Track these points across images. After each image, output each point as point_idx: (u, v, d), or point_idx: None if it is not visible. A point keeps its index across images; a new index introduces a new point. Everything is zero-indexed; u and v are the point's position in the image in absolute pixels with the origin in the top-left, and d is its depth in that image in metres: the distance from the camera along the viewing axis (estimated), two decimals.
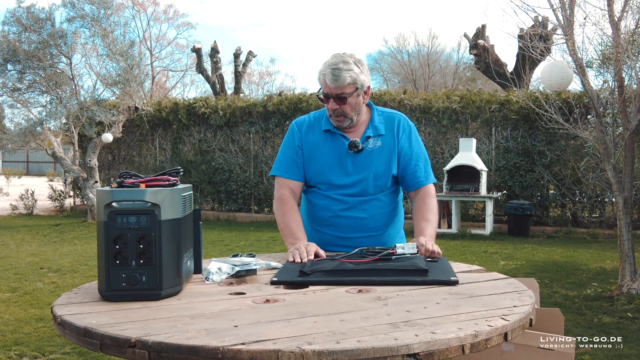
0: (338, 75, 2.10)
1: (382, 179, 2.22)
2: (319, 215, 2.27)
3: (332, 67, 2.11)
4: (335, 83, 2.11)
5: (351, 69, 2.12)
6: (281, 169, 2.29)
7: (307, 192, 2.34)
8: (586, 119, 9.18)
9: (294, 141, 2.29)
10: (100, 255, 1.51)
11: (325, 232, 2.26)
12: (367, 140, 2.22)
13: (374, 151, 2.22)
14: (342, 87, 2.11)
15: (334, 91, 2.12)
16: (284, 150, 2.31)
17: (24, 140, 11.66)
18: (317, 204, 2.27)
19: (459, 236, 9.15)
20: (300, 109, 11.40)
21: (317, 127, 2.28)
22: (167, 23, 35.07)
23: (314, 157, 2.25)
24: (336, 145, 2.23)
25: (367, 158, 2.21)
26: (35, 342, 3.96)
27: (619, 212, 5.14)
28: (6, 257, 7.34)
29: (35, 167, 35.39)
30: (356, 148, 2.19)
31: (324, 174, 2.23)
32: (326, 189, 2.24)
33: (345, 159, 2.22)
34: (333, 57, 2.15)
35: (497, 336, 1.28)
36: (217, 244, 8.55)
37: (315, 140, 2.26)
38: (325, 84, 2.14)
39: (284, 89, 24.94)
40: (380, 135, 2.24)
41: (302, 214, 2.33)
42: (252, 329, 1.24)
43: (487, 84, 22.68)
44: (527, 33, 6.40)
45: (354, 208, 2.22)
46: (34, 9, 11.19)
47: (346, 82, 2.11)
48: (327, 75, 2.11)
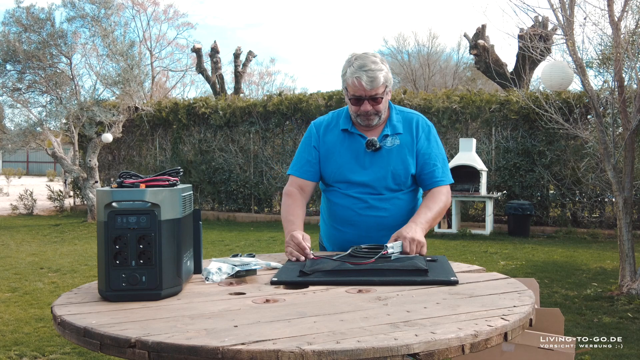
0: (374, 77, 2.09)
1: (400, 177, 2.23)
2: (340, 214, 2.28)
3: (365, 68, 2.09)
4: (371, 85, 2.10)
5: (382, 68, 2.12)
6: (295, 168, 2.34)
7: (327, 192, 2.35)
8: (586, 119, 9.18)
9: (310, 142, 2.32)
10: (100, 255, 1.51)
11: (346, 231, 2.27)
12: (385, 138, 2.23)
13: (392, 150, 2.22)
14: (376, 89, 2.11)
15: (369, 93, 2.12)
16: (300, 151, 2.35)
17: (24, 140, 11.67)
18: (337, 203, 2.28)
19: (459, 236, 9.15)
20: (300, 109, 11.40)
21: (335, 127, 2.30)
22: (167, 23, 35.13)
23: (332, 156, 2.27)
24: (354, 144, 2.24)
25: (385, 157, 2.22)
26: (35, 342, 3.96)
27: (619, 212, 5.14)
28: (6, 257, 7.34)
29: (35, 167, 35.39)
30: (374, 147, 2.19)
31: (341, 172, 2.25)
32: (345, 188, 2.25)
33: (363, 158, 2.23)
34: (359, 59, 2.13)
35: (497, 336, 1.27)
36: (217, 244, 8.55)
37: (333, 140, 2.28)
38: (358, 87, 2.11)
39: (284, 89, 24.95)
40: (398, 133, 2.24)
41: (322, 213, 2.41)
42: (252, 329, 1.24)
43: (487, 84, 22.69)
44: (527, 33, 6.40)
45: (374, 207, 2.22)
46: (33, 9, 11.19)
47: (380, 82, 2.11)
48: (361, 78, 2.09)
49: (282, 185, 11.61)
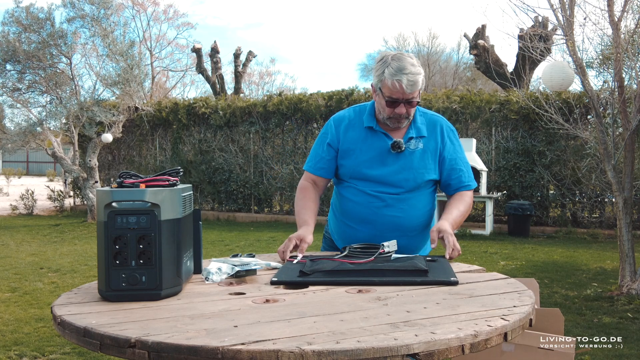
0: (414, 80, 2.06)
1: (419, 180, 2.20)
2: (354, 211, 2.23)
3: (406, 71, 2.05)
4: (411, 88, 2.06)
5: (420, 71, 2.09)
6: (310, 164, 2.34)
7: (341, 187, 2.31)
8: (586, 119, 9.18)
9: (326, 139, 2.29)
10: (100, 255, 1.51)
11: (360, 229, 2.23)
12: (409, 141, 2.20)
13: (415, 152, 2.20)
14: (414, 92, 2.08)
15: (407, 96, 2.08)
16: (316, 147, 2.33)
17: (24, 140, 11.66)
18: (352, 200, 2.24)
19: (459, 236, 9.15)
20: (300, 109, 11.40)
21: (359, 124, 2.25)
22: (167, 23, 35.09)
23: (353, 153, 2.23)
24: (377, 143, 2.21)
25: (408, 159, 2.19)
26: (35, 342, 3.95)
27: (619, 212, 5.14)
28: (6, 257, 7.34)
29: (35, 167, 35.39)
30: (399, 149, 2.16)
31: (361, 170, 2.21)
32: (363, 185, 2.21)
33: (386, 157, 2.19)
34: (397, 60, 2.08)
35: (497, 336, 1.28)
36: (217, 244, 8.55)
37: (355, 137, 2.24)
38: (397, 90, 2.06)
39: (284, 89, 24.96)
40: (422, 137, 2.22)
41: (333, 208, 2.38)
42: (252, 329, 1.24)
43: (487, 84, 22.68)
44: (527, 33, 6.40)
45: (391, 206, 2.19)
46: (32, 9, 11.19)
47: (419, 86, 2.08)
48: (402, 81, 2.04)
49: (282, 185, 11.62)
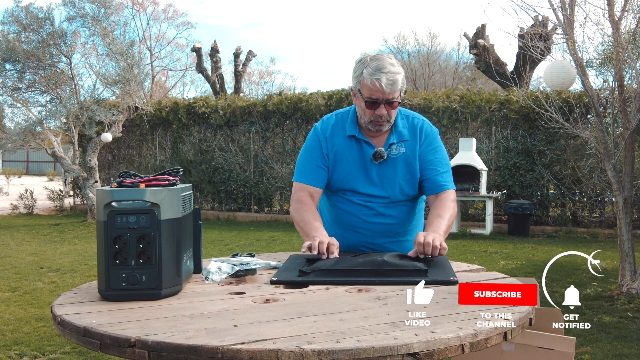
0: (394, 79, 2.00)
1: (408, 186, 2.17)
2: (345, 219, 2.20)
3: (384, 70, 1.99)
4: (391, 88, 2.00)
5: (400, 71, 2.03)
6: (304, 175, 2.19)
7: (330, 196, 2.26)
8: (586, 119, 9.18)
9: (320, 147, 2.18)
10: (100, 255, 1.51)
11: (350, 238, 2.19)
12: (390, 147, 2.14)
13: (398, 158, 2.14)
14: (394, 92, 2.02)
15: (387, 96, 2.02)
16: (308, 156, 2.20)
17: (23, 139, 11.66)
18: (341, 209, 2.21)
19: (459, 236, 9.15)
20: (300, 109, 11.40)
21: (341, 131, 2.18)
22: (166, 22, 34.97)
23: (339, 163, 2.17)
24: (361, 153, 2.15)
25: (392, 167, 2.14)
26: (35, 341, 3.96)
27: (619, 212, 5.14)
28: (6, 257, 7.34)
29: (35, 166, 35.38)
30: (381, 158, 2.12)
31: (348, 181, 2.16)
32: (351, 195, 2.18)
33: (370, 168, 2.14)
34: (375, 60, 2.03)
35: (497, 336, 1.28)
36: (217, 243, 8.55)
37: (340, 145, 2.17)
38: (377, 90, 2.00)
39: (284, 89, 24.95)
40: (404, 140, 2.16)
41: (323, 218, 2.25)
42: (252, 329, 1.24)
43: (487, 83, 22.67)
44: (527, 32, 6.39)
45: (381, 214, 2.16)
46: (32, 8, 11.18)
47: (399, 86, 2.02)
48: (381, 80, 1.98)
49: (282, 184, 11.61)
